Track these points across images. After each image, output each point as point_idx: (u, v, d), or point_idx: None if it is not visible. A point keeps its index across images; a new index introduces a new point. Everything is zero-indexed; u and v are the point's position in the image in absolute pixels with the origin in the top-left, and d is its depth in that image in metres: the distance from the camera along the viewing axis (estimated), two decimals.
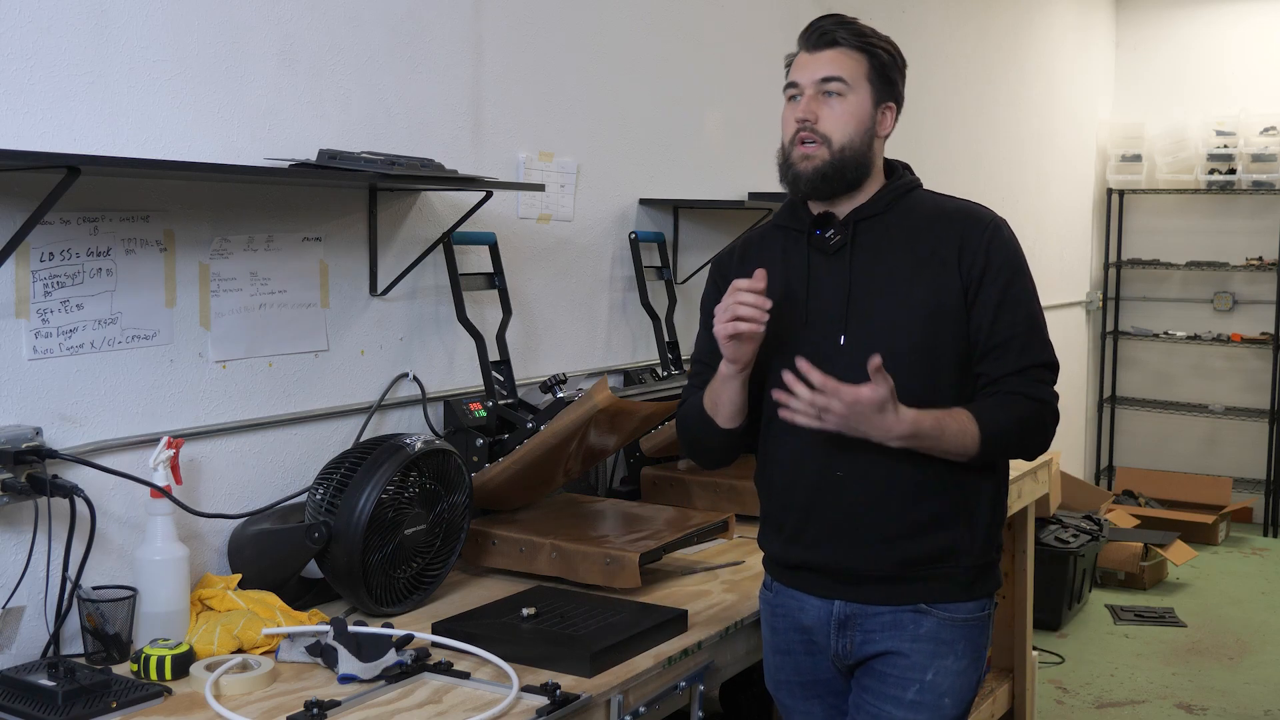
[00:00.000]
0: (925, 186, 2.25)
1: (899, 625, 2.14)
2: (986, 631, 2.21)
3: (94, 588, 2.14)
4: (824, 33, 2.14)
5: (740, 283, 2.06)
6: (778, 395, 2.03)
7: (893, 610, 2.14)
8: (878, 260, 2.14)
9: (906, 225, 2.16)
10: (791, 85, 2.15)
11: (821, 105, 2.11)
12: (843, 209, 2.16)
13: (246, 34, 2.43)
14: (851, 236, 2.15)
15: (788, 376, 2.00)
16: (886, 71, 2.15)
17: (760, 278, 2.06)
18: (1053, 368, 2.15)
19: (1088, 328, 7.62)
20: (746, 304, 2.04)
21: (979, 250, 2.12)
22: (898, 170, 2.23)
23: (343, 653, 2.05)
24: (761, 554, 2.31)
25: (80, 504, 2.11)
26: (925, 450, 2.05)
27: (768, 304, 2.04)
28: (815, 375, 1.97)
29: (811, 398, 1.98)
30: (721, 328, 2.06)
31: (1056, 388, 2.16)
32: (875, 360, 1.95)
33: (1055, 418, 2.15)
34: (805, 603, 2.21)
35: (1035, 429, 2.13)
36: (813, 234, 2.18)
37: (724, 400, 2.16)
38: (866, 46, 2.13)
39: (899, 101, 2.20)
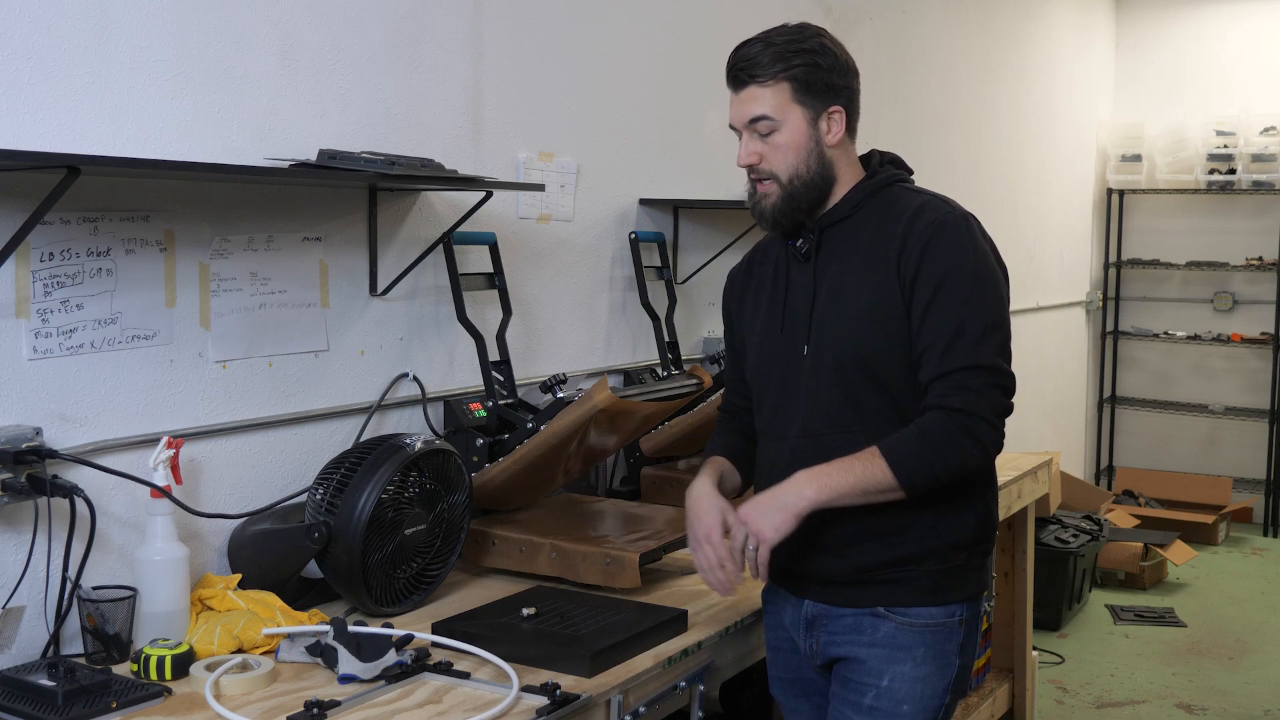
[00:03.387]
0: (917, 181, 2.21)
1: (858, 629, 2.13)
2: (956, 638, 2.13)
3: (94, 588, 2.14)
4: (734, 74, 2.11)
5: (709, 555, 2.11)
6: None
7: (854, 613, 2.14)
8: (839, 266, 2.12)
9: (868, 228, 2.11)
10: (731, 127, 2.15)
11: (760, 144, 2.10)
12: (812, 216, 2.15)
13: (246, 34, 2.43)
14: (817, 244, 2.14)
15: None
16: (816, 84, 2.08)
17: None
18: (984, 369, 2.00)
19: (1088, 328, 7.63)
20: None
21: (914, 250, 2.04)
22: (874, 165, 2.18)
23: (343, 653, 2.05)
24: None
25: (80, 504, 2.11)
26: (848, 497, 2.01)
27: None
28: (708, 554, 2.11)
29: (718, 553, 2.09)
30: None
31: (1002, 395, 2.03)
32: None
33: (982, 422, 2.00)
34: (786, 600, 2.25)
35: (949, 440, 1.99)
36: (787, 243, 2.19)
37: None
38: (783, 73, 2.06)
39: (847, 98, 2.12)
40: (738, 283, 2.33)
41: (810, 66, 2.08)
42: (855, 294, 2.08)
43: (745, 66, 2.09)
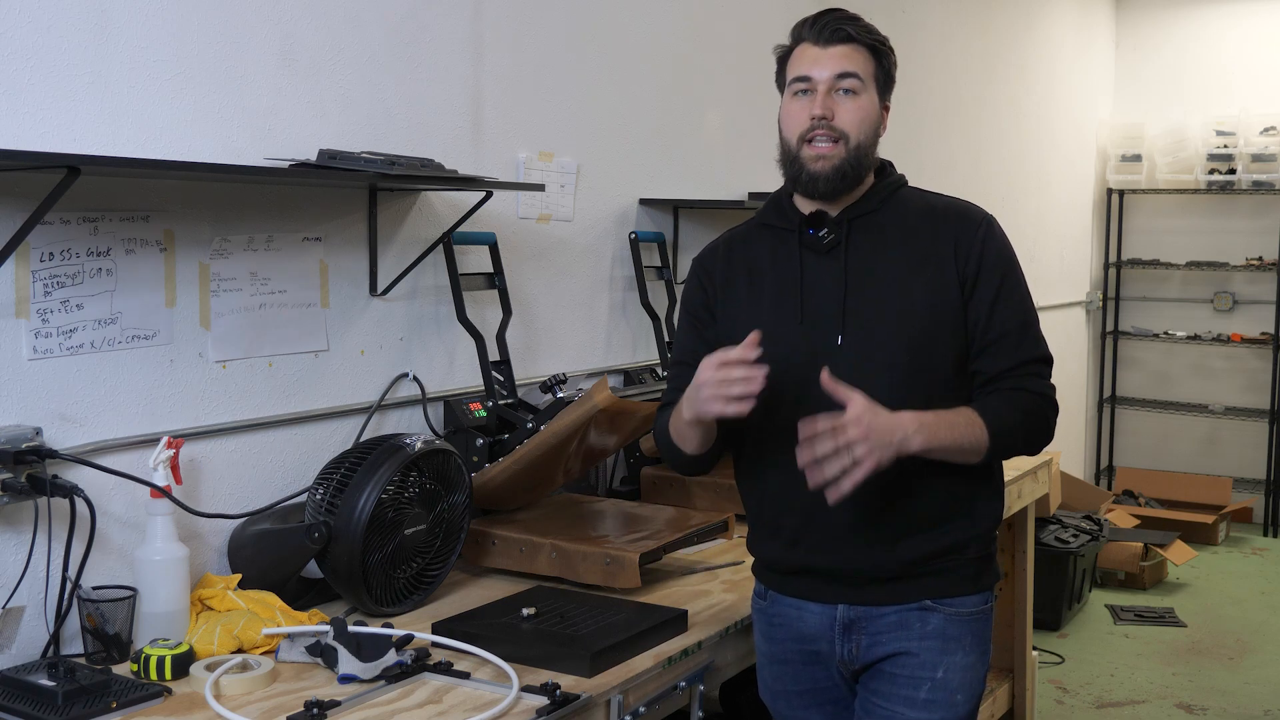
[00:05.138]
0: (913, 184, 2.23)
1: (906, 625, 2.12)
2: (989, 625, 2.21)
3: (94, 588, 2.14)
4: (836, 28, 2.09)
5: (731, 355, 1.94)
6: (804, 465, 1.96)
7: (898, 610, 2.12)
8: (872, 259, 2.11)
9: (899, 223, 2.14)
10: (803, 80, 2.09)
11: (836, 102, 2.08)
12: (835, 207, 2.13)
13: (246, 34, 2.44)
14: (846, 235, 2.12)
15: (801, 437, 1.95)
16: (890, 73, 2.15)
17: (752, 345, 1.95)
18: (1047, 361, 2.15)
19: (1088, 328, 7.62)
20: (741, 379, 1.93)
21: (973, 248, 2.11)
22: (885, 167, 2.20)
23: (343, 653, 2.05)
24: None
25: (80, 504, 2.11)
26: (942, 452, 2.02)
27: (762, 375, 1.94)
28: (821, 424, 1.94)
29: (834, 443, 1.92)
30: (713, 405, 1.96)
31: (1053, 382, 2.17)
32: (824, 375, 1.96)
33: (1055, 409, 2.15)
34: (806, 610, 2.17)
35: (1038, 421, 2.12)
36: (804, 233, 2.14)
37: (689, 438, 2.12)
38: (875, 46, 2.11)
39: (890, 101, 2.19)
40: (717, 272, 2.23)
41: (890, 56, 2.15)
42: (906, 287, 2.09)
43: (845, 24, 2.10)
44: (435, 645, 2.18)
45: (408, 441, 2.40)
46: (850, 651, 2.15)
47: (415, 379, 2.86)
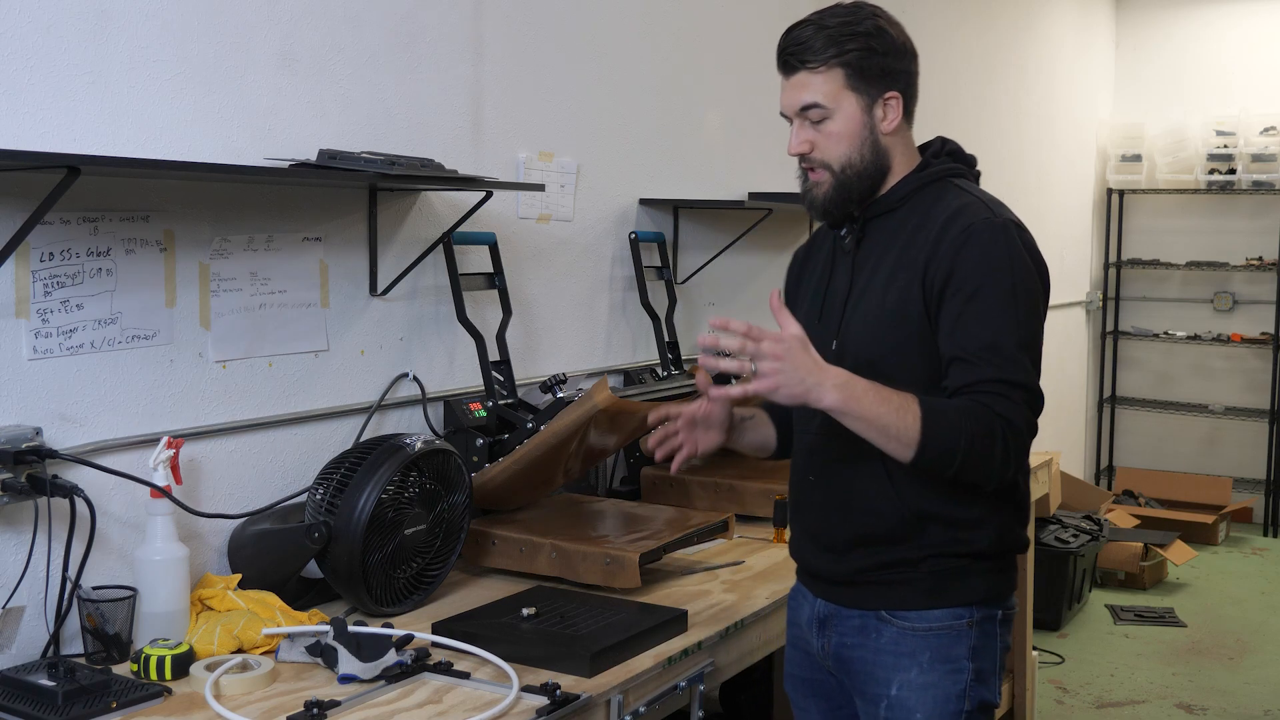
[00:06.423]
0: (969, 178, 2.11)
1: (865, 630, 2.06)
2: (966, 641, 2.02)
3: (94, 588, 2.14)
4: (785, 59, 2.02)
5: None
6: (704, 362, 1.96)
7: (860, 614, 2.07)
8: (877, 261, 2.06)
9: (912, 223, 2.03)
10: (782, 114, 2.07)
11: (811, 132, 2.02)
12: (865, 204, 2.07)
13: (246, 34, 2.43)
14: (861, 235, 2.08)
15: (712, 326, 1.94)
16: (871, 69, 1.98)
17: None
18: (1019, 386, 1.88)
19: (1088, 328, 7.63)
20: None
21: (945, 256, 1.94)
22: (928, 156, 2.10)
23: (343, 653, 2.05)
24: (761, 554, 2.32)
25: (80, 504, 2.11)
26: (860, 422, 1.85)
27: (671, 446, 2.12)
28: (737, 324, 1.84)
29: (742, 343, 1.83)
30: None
31: (1027, 411, 1.89)
32: (774, 298, 1.89)
33: (1016, 435, 1.87)
34: (804, 598, 2.20)
35: (985, 443, 1.85)
36: (838, 232, 2.12)
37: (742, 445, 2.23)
38: (835, 58, 1.97)
39: (905, 83, 2.04)
40: (795, 268, 2.27)
41: (864, 51, 1.98)
42: (881, 294, 2.01)
43: (796, 51, 1.99)
44: (435, 645, 2.18)
45: (408, 441, 2.40)
46: (823, 647, 2.13)
47: (415, 379, 2.86)
